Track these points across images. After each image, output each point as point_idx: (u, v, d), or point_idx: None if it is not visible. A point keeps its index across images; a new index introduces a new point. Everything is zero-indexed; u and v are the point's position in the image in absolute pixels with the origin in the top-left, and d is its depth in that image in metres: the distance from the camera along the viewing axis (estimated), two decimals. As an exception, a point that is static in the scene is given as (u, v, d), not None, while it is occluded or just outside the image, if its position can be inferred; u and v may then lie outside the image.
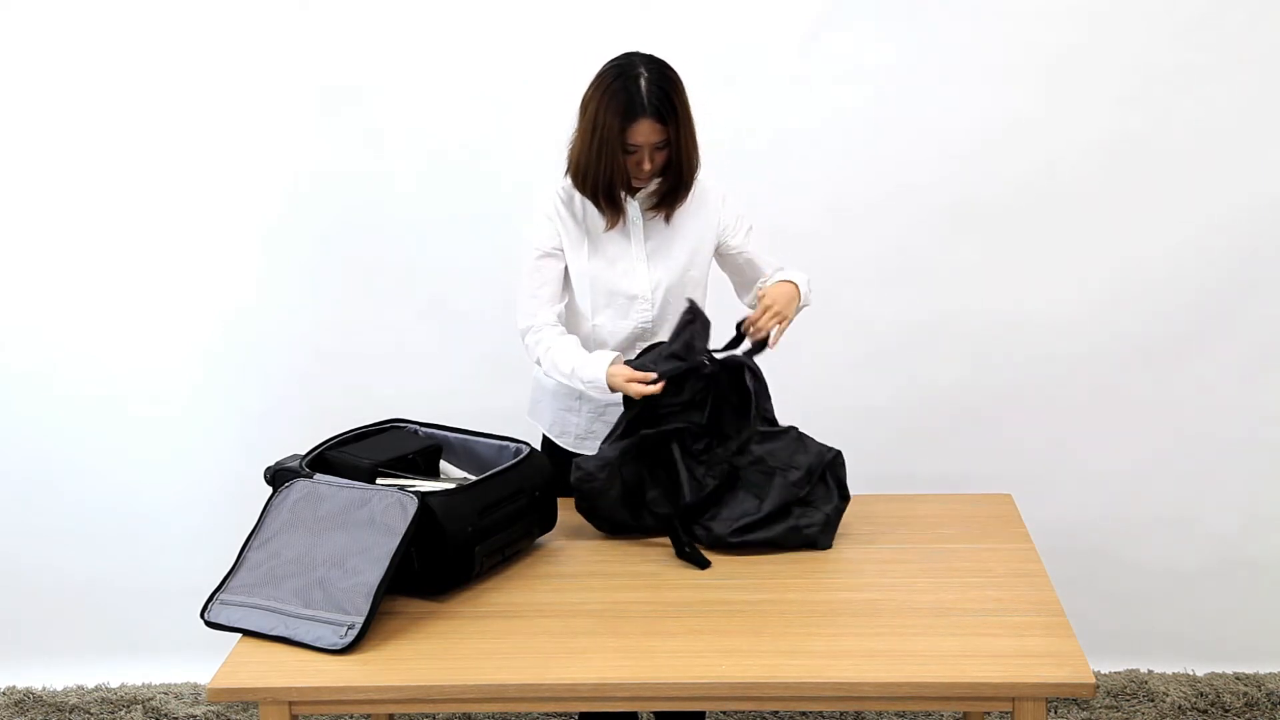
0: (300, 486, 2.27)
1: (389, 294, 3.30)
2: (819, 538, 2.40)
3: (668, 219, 2.55)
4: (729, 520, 2.39)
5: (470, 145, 3.21)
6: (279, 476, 2.34)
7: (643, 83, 2.38)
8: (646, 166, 2.43)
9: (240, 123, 3.21)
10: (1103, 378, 3.26)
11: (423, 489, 2.22)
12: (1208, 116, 3.09)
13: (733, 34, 3.11)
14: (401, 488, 2.22)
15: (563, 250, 2.56)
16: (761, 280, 2.64)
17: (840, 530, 2.48)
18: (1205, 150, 3.11)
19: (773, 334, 2.49)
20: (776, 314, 2.49)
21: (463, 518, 2.21)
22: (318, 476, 2.29)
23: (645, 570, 2.34)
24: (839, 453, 2.48)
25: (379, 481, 2.33)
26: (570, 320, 2.62)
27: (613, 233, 2.55)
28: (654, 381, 2.37)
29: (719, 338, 2.52)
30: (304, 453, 2.41)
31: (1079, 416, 3.28)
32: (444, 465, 2.54)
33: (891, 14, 3.09)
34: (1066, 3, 3.06)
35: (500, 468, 2.36)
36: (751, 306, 2.64)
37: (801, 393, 3.22)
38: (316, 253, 3.30)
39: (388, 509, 2.17)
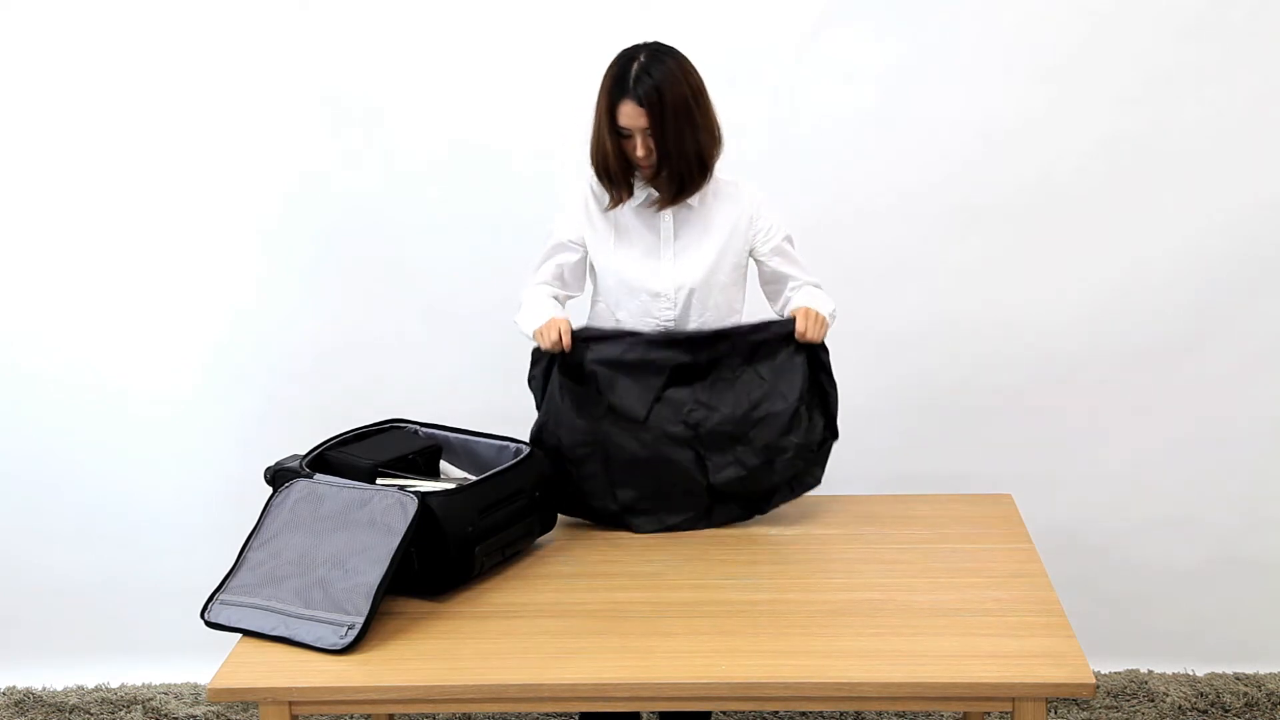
0: (300, 486, 2.27)
1: (389, 294, 3.30)
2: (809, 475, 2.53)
3: (660, 207, 2.52)
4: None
5: (470, 146, 3.21)
6: (279, 476, 2.34)
7: (635, 66, 2.40)
8: (640, 153, 2.44)
9: (241, 124, 3.21)
10: (1103, 378, 3.25)
11: (423, 489, 2.22)
12: (1208, 117, 3.09)
13: (733, 34, 3.11)
14: (401, 488, 2.22)
15: (583, 244, 2.58)
16: (784, 299, 2.63)
17: (840, 530, 2.49)
18: (1205, 151, 3.10)
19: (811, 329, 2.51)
20: (814, 322, 2.50)
21: (463, 518, 2.21)
22: (318, 476, 2.29)
23: (645, 570, 2.34)
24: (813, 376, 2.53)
25: (379, 481, 2.33)
26: (600, 312, 2.64)
27: (642, 228, 2.55)
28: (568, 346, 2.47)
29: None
30: (304, 453, 2.41)
31: (1079, 416, 3.28)
32: (444, 465, 2.54)
33: (891, 14, 3.09)
34: (1067, 3, 3.06)
35: (500, 468, 2.36)
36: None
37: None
38: (316, 253, 3.30)
39: (388, 509, 2.17)
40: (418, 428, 2.58)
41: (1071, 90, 3.09)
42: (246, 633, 2.13)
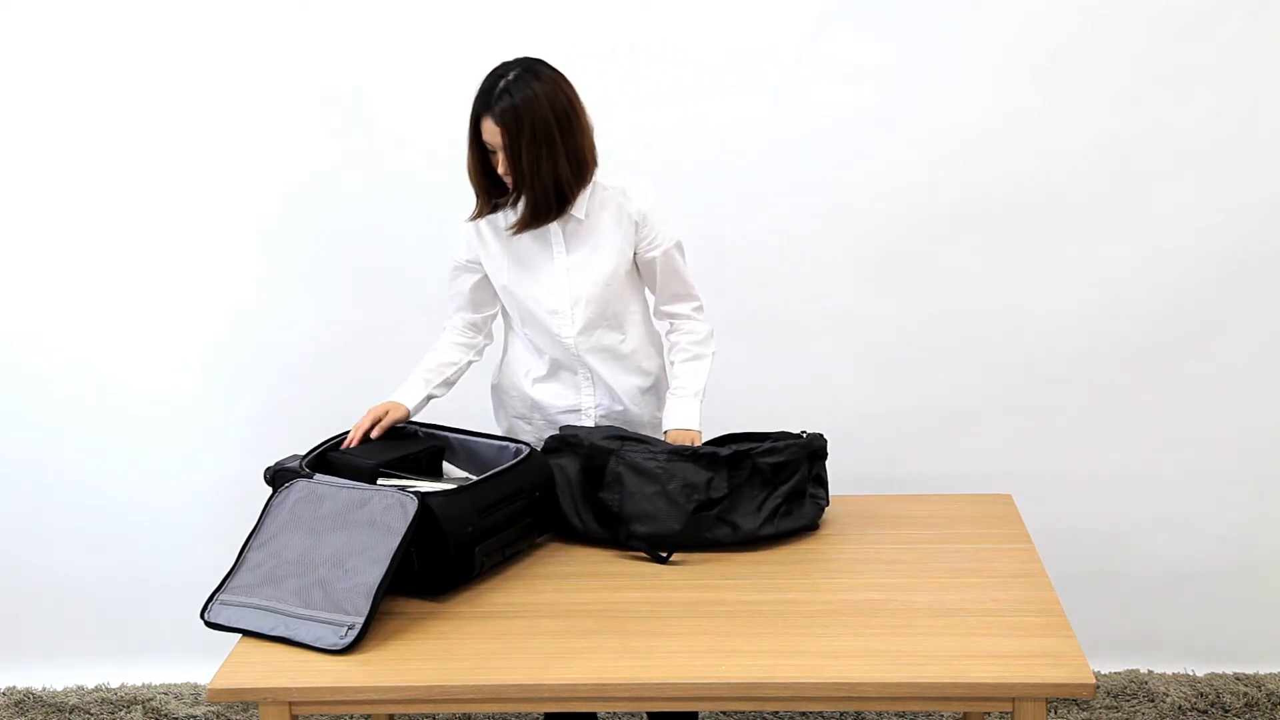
0: (300, 487, 2.27)
1: (389, 294, 3.30)
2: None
3: (515, 231, 2.46)
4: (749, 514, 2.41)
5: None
6: (279, 477, 2.34)
7: (501, 83, 2.35)
8: (500, 170, 2.41)
9: (241, 124, 3.21)
10: (1103, 378, 3.25)
11: (423, 489, 2.22)
12: (1207, 117, 3.08)
13: (733, 34, 3.11)
14: (402, 488, 2.22)
15: (479, 264, 2.58)
16: (669, 343, 2.64)
17: (841, 530, 2.49)
18: (1205, 151, 3.10)
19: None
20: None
21: (463, 518, 2.21)
22: (318, 477, 2.29)
23: (645, 570, 2.34)
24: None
25: (380, 482, 2.33)
26: (508, 330, 2.67)
27: (533, 246, 2.52)
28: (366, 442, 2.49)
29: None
30: (304, 453, 2.41)
31: (1079, 416, 3.28)
32: (445, 466, 2.54)
33: (891, 14, 3.09)
34: (1067, 3, 3.06)
35: (501, 468, 2.36)
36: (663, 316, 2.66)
37: (802, 393, 3.24)
38: (316, 253, 3.30)
39: (388, 509, 2.17)
40: (419, 428, 2.58)
41: (1071, 90, 3.09)
42: (246, 633, 2.13)
